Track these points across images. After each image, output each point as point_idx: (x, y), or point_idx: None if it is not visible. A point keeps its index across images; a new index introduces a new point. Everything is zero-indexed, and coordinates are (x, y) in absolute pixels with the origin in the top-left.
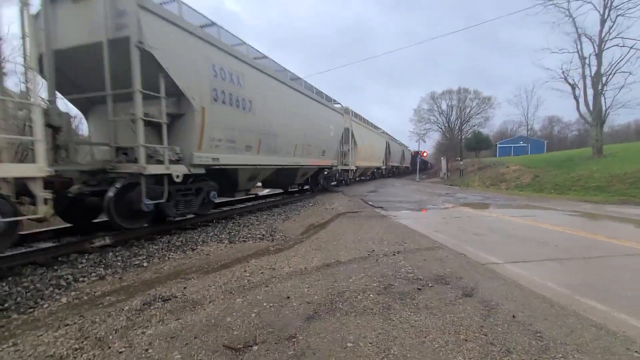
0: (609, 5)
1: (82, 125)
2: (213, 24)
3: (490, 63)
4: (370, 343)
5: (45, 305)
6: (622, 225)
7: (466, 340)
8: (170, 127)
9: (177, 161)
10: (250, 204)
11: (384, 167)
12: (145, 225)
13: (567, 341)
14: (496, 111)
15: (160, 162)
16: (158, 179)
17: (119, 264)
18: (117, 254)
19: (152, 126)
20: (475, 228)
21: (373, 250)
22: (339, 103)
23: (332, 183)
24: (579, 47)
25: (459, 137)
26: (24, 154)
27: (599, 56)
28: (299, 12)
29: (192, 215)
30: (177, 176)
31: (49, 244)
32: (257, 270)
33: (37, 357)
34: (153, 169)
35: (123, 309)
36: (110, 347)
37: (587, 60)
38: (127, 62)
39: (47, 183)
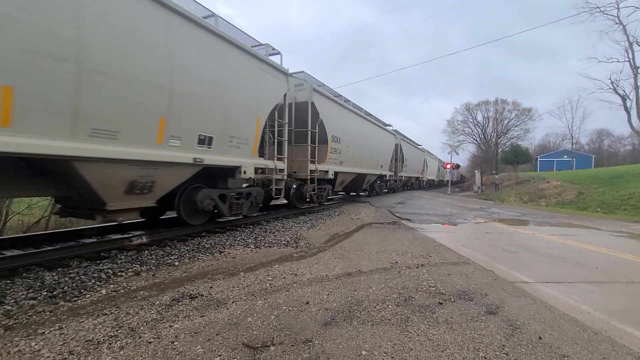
0: None
1: None
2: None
3: (509, 70)
4: (385, 353)
5: (87, 295)
6: None
7: (485, 359)
8: None
9: None
10: (276, 211)
11: (393, 177)
12: None
13: None
14: (537, 123)
15: None
16: None
17: (153, 261)
18: (152, 252)
19: None
20: (508, 245)
21: (396, 262)
22: (278, 52)
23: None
24: (630, 55)
25: (495, 150)
26: None
27: None
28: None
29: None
30: None
31: (94, 240)
32: (280, 275)
33: (78, 340)
34: None
35: (154, 304)
36: (141, 337)
37: (639, 70)
38: None
39: None
